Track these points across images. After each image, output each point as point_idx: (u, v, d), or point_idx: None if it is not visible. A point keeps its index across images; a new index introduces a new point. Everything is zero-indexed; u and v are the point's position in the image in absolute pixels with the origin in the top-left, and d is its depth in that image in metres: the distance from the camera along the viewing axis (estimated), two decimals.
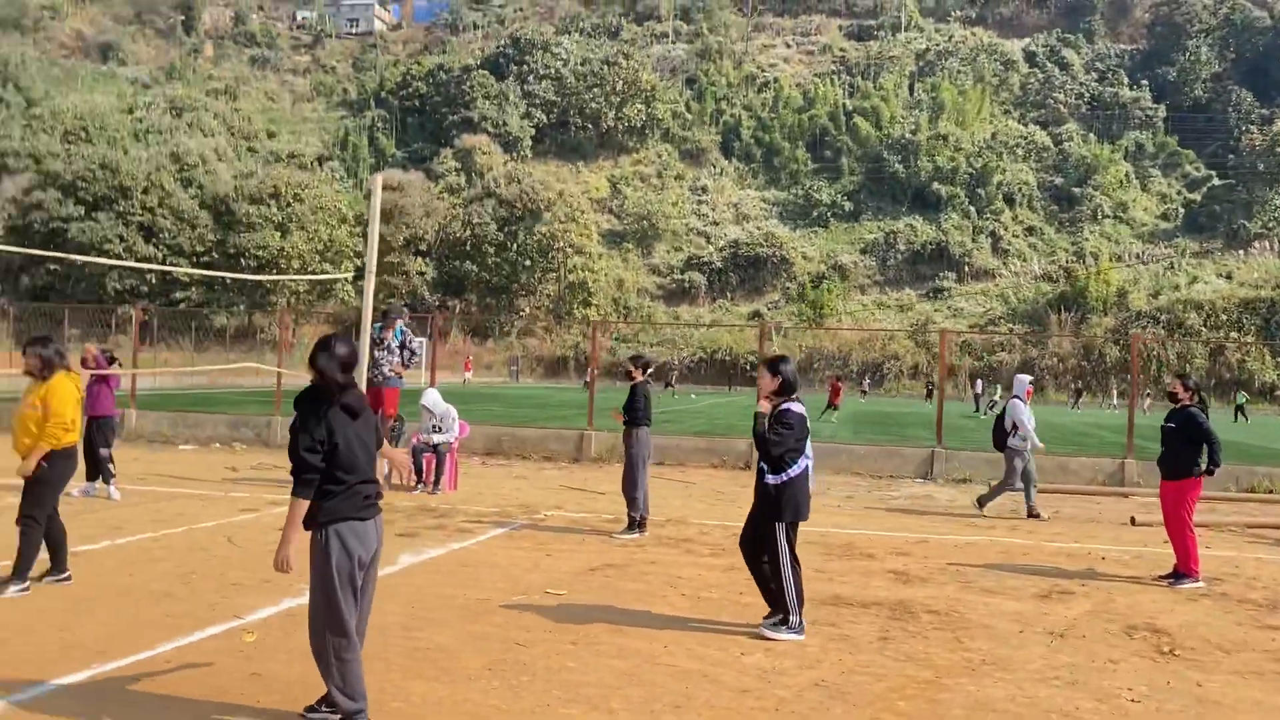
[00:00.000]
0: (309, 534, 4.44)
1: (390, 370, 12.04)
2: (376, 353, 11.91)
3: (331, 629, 4.40)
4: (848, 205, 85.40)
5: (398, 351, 12.08)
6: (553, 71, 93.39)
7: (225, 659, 5.46)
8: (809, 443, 6.47)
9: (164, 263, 61.35)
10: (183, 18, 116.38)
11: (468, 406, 28.20)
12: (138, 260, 59.91)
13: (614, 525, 10.25)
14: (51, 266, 58.68)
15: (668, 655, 5.82)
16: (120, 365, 12.22)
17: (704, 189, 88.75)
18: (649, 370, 10.37)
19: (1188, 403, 8.75)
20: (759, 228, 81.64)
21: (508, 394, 41.05)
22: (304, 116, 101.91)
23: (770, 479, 6.34)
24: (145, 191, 65.16)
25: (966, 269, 78.64)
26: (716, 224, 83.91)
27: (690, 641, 6.12)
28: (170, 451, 16.35)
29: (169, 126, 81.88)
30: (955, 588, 8.00)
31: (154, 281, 62.39)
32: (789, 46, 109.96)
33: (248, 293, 65.22)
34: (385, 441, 7.21)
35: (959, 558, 9.38)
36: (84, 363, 10.81)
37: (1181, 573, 8.51)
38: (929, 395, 50.47)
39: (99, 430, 11.01)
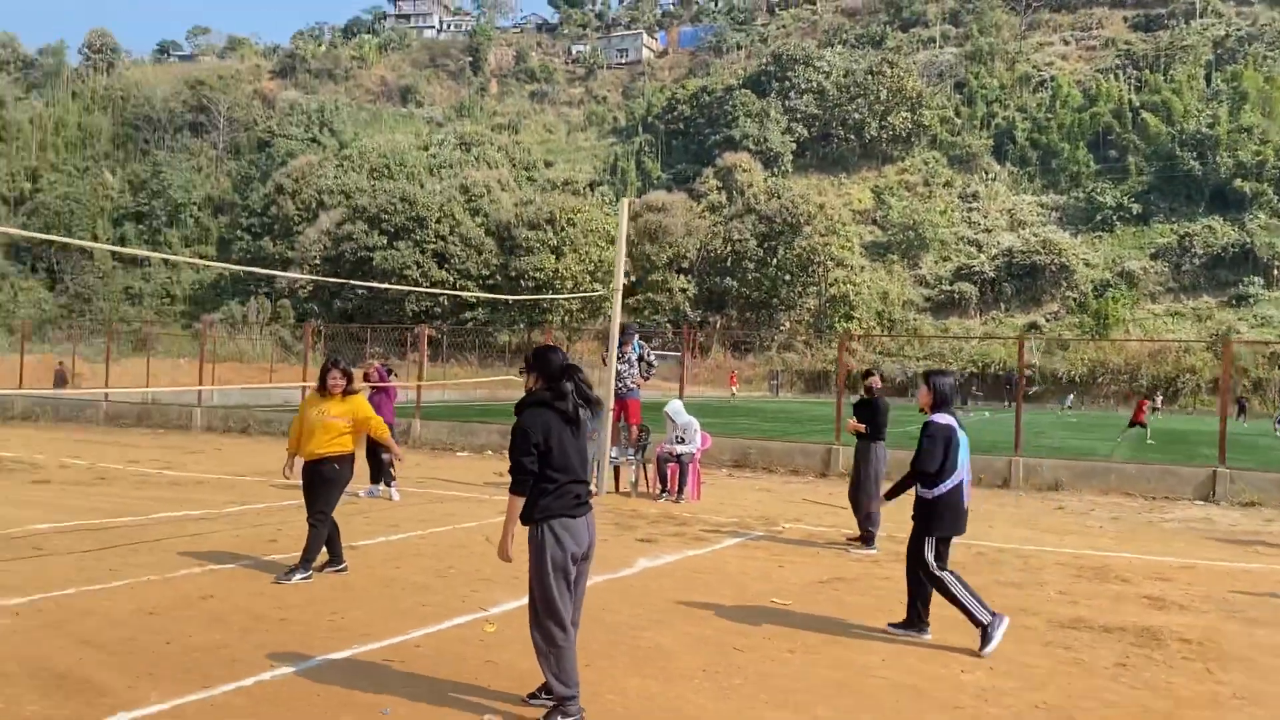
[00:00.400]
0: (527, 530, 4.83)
1: (631, 382, 12.60)
2: (619, 366, 12.49)
3: (548, 618, 4.75)
4: (1135, 207, 79.12)
5: (636, 364, 12.63)
6: (814, 85, 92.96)
7: (467, 646, 5.98)
8: (965, 459, 6.42)
9: (454, 285, 66.32)
10: (471, 59, 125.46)
11: (725, 420, 28.70)
12: (431, 284, 65.13)
13: (852, 540, 10.17)
14: (359, 290, 64.68)
15: (884, 668, 5.78)
16: (396, 377, 13.47)
17: (974, 195, 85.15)
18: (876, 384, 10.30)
19: None
20: (1035, 234, 77.23)
21: (765, 408, 41.15)
22: (578, 145, 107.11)
23: (922, 492, 6.40)
24: (438, 221, 70.54)
25: (1276, 273, 70.74)
26: (989, 231, 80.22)
27: (912, 657, 6.05)
28: (448, 458, 17.76)
29: (458, 160, 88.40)
30: (1217, 616, 7.36)
31: (445, 303, 67.34)
32: (1067, 43, 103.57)
33: (526, 311, 69.10)
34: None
35: (1229, 585, 8.59)
36: (365, 377, 12.03)
37: None
38: (1241, 413, 45.82)
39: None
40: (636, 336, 13.06)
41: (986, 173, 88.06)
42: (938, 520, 6.34)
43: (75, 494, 12.09)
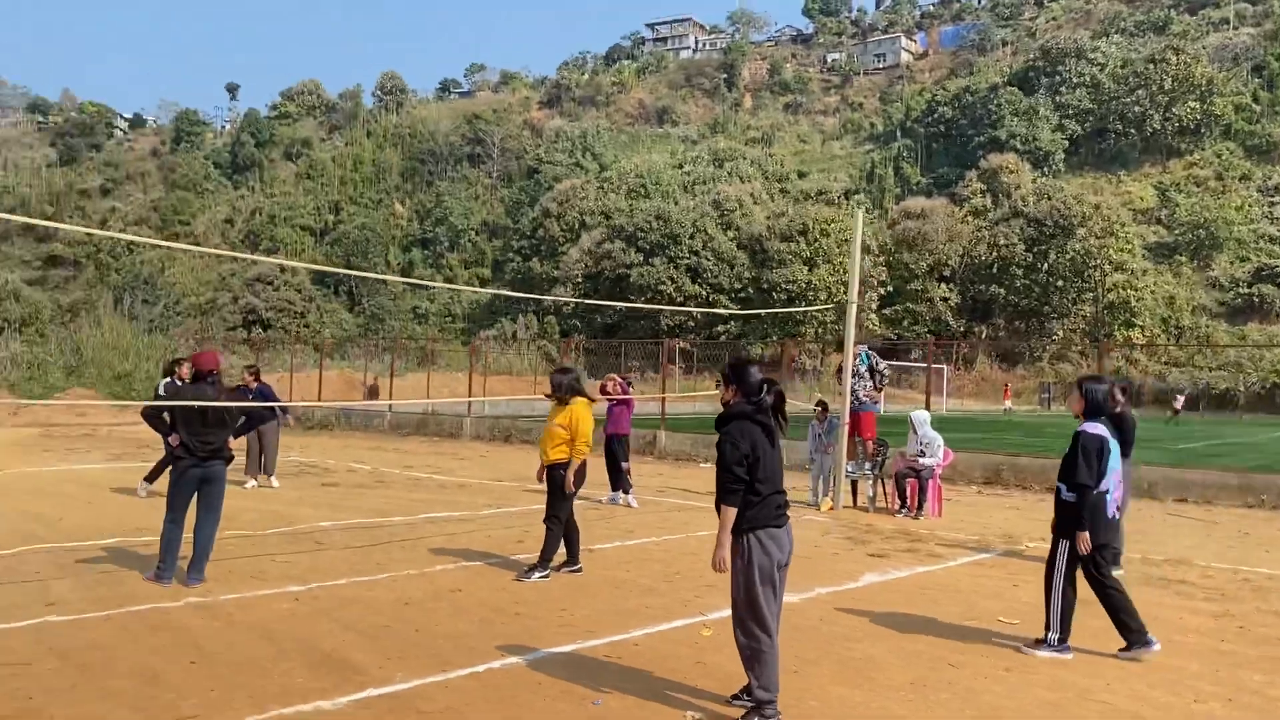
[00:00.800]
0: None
1: (864, 395, 12.47)
2: (853, 380, 12.42)
3: (754, 624, 4.93)
4: None
5: (867, 376, 12.49)
6: (1088, 78, 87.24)
7: (682, 648, 6.25)
8: (1116, 468, 6.25)
9: (707, 299, 67.39)
10: (725, 76, 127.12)
11: (994, 435, 27.53)
12: (685, 298, 66.49)
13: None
14: (618, 306, 67.03)
15: (1106, 692, 5.52)
16: (633, 389, 14.00)
17: (1276, 189, 76.89)
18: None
19: None
20: None
21: (1031, 423, 39.03)
22: (833, 154, 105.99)
23: (1065, 495, 6.26)
24: (691, 236, 71.89)
25: None
26: None
27: (1139, 682, 5.73)
28: (690, 468, 18.22)
29: (711, 176, 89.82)
30: None
31: (698, 317, 68.51)
32: None
33: (779, 324, 69.01)
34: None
35: None
36: (603, 389, 12.63)
37: None
38: None
39: (619, 446, 12.77)
40: (863, 348, 12.93)
41: None
42: (1078, 525, 6.17)
43: (356, 495, 13.45)
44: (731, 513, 4.94)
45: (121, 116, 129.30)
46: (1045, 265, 68.43)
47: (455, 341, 75.29)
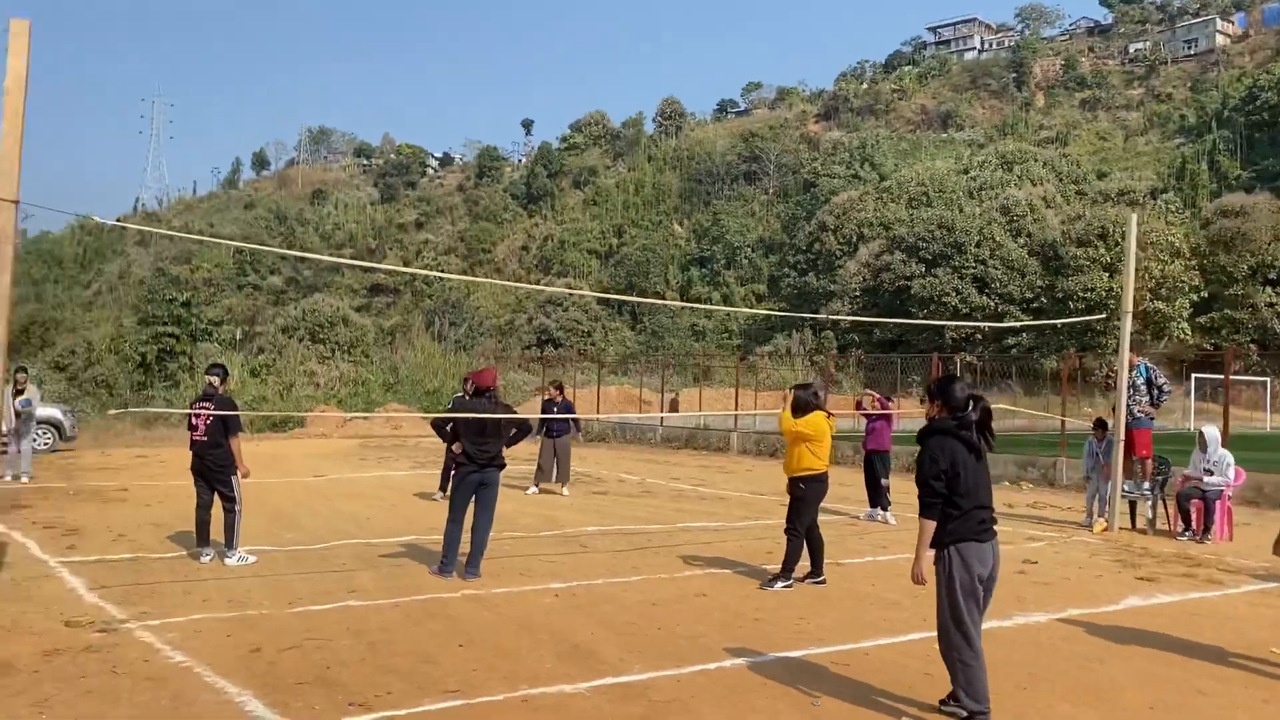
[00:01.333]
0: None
1: (1139, 410, 11.74)
2: (1129, 395, 11.72)
3: (958, 637, 4.99)
4: None
5: (1144, 390, 11.74)
6: None
7: (911, 660, 6.33)
8: None
9: (995, 310, 64.46)
10: (1014, 75, 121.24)
11: None
12: (971, 309, 63.99)
13: None
14: (887, 322, 65.48)
15: None
16: (894, 404, 13.87)
17: None
18: None
19: None
20: None
21: None
22: (1137, 151, 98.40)
23: None
24: (978, 245, 69.08)
25: None
26: None
27: None
28: None
29: (999, 181, 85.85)
30: None
31: (986, 330, 65.54)
32: None
33: (1076, 335, 64.77)
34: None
35: None
36: (858, 405, 12.64)
37: None
38: None
39: (879, 462, 12.73)
40: (1141, 361, 12.17)
41: None
42: None
43: (623, 504, 14.25)
44: (930, 526, 5.04)
45: (433, 156, 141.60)
46: None
47: (731, 359, 76.29)
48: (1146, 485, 12.15)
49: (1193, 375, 43.29)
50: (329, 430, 29.23)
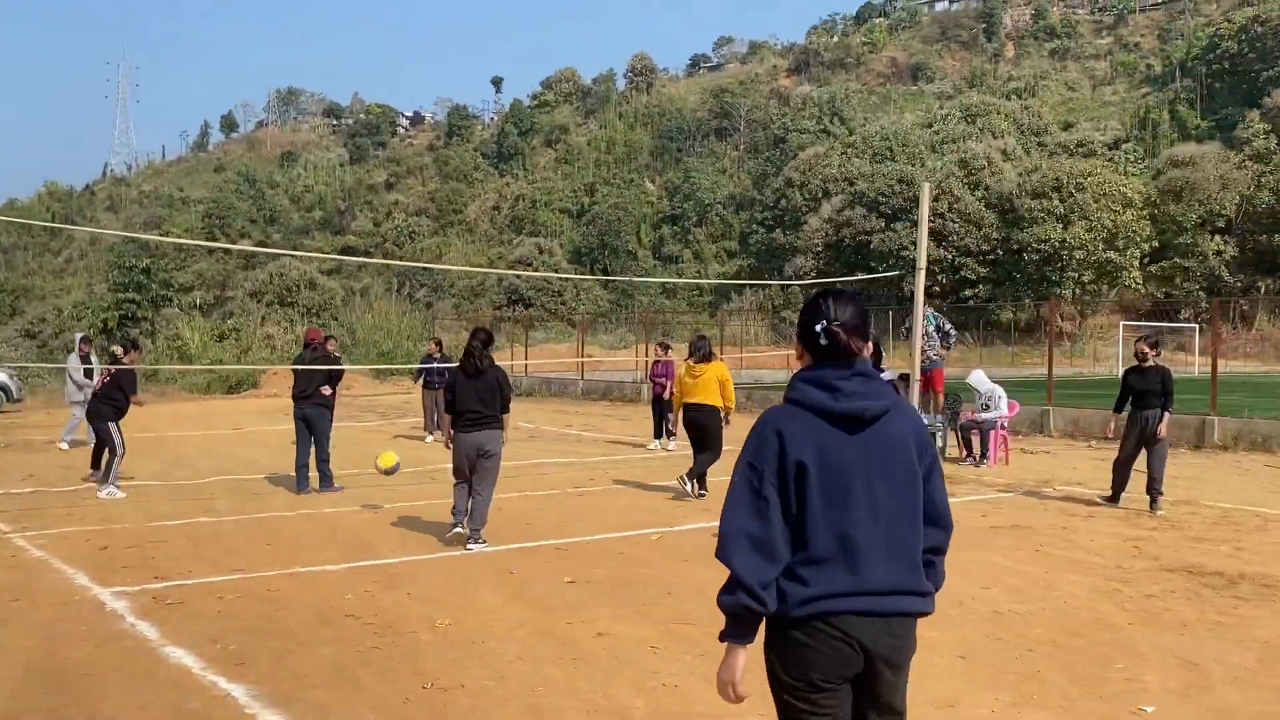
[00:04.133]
0: None
1: (933, 354, 13.49)
2: (923, 340, 13.44)
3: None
4: None
5: (935, 336, 13.47)
6: None
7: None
8: None
9: (952, 263, 65.99)
10: (984, 25, 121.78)
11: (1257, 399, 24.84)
12: (930, 262, 65.54)
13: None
14: (859, 275, 66.72)
15: None
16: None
17: None
18: None
19: None
20: None
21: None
22: (1103, 101, 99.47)
23: None
24: (936, 199, 70.12)
25: None
26: None
27: None
28: None
29: (961, 134, 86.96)
30: None
31: (944, 281, 66.91)
32: None
33: (1032, 286, 66.43)
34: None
35: None
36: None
37: None
38: None
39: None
40: (928, 310, 13.87)
41: None
42: None
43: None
44: None
45: (403, 115, 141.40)
46: None
47: (704, 314, 77.74)
48: (939, 419, 13.91)
49: (1121, 323, 45.18)
50: (281, 390, 30.86)
